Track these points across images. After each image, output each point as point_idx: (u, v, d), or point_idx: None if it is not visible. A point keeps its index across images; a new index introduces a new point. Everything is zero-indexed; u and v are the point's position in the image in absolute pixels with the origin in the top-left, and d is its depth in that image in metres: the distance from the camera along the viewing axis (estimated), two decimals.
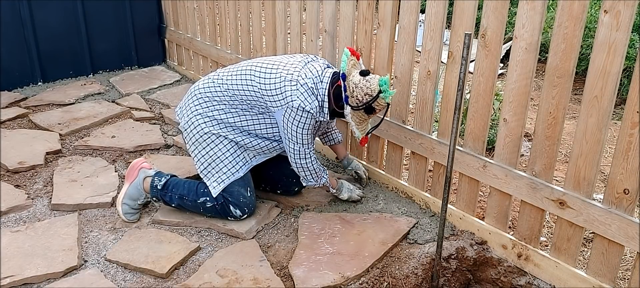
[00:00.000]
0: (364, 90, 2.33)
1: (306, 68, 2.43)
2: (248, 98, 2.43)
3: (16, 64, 3.99)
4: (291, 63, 2.45)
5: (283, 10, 3.28)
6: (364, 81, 2.34)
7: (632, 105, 1.86)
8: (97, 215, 2.61)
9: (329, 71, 2.46)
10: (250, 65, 2.50)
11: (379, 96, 2.33)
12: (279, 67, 2.43)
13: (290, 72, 2.39)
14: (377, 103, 2.35)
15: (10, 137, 3.27)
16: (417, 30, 2.53)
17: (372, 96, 2.33)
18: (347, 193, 2.71)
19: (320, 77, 2.41)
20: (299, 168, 2.50)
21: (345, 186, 2.72)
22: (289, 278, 2.22)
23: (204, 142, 2.49)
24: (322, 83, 2.40)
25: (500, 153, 2.31)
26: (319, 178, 2.56)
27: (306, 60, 2.50)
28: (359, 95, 2.34)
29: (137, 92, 4.10)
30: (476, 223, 2.49)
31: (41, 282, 2.17)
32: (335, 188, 2.69)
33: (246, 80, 2.44)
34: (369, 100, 2.33)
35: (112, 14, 4.37)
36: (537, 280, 2.29)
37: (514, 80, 2.17)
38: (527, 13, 2.05)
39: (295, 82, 2.36)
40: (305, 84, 2.36)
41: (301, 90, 2.35)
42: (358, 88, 2.34)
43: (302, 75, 2.38)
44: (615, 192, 1.99)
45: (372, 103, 2.34)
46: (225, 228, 2.50)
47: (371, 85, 2.33)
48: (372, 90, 2.33)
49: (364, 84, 2.34)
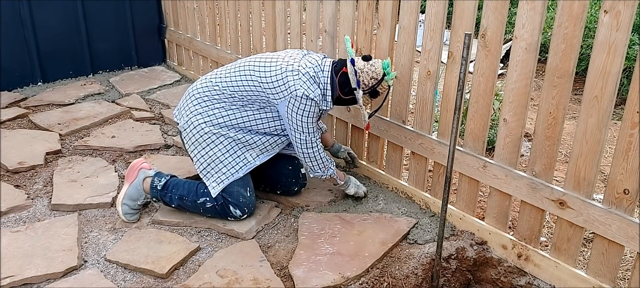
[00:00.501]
0: (370, 74, 2.42)
1: (305, 58, 2.48)
2: (248, 94, 2.44)
3: (16, 64, 3.99)
4: (290, 55, 2.50)
5: (283, 10, 3.28)
6: (369, 66, 2.43)
7: (632, 105, 1.86)
8: (97, 216, 2.61)
9: (328, 60, 2.52)
10: (248, 61, 2.52)
11: (384, 79, 2.43)
12: (278, 60, 2.46)
13: (290, 63, 2.43)
14: (381, 86, 2.45)
15: (10, 137, 3.27)
16: (417, 30, 2.53)
17: (377, 79, 2.42)
18: (354, 188, 2.72)
19: (320, 66, 2.46)
20: (305, 158, 2.52)
21: (353, 181, 2.74)
22: (289, 278, 2.22)
23: (204, 142, 2.49)
24: (323, 72, 2.46)
25: (500, 154, 2.31)
26: (326, 169, 2.57)
27: (303, 52, 2.55)
28: (365, 79, 2.42)
29: (137, 92, 4.10)
30: (476, 224, 2.49)
31: (41, 282, 2.16)
32: (343, 181, 2.70)
33: (245, 76, 2.45)
34: (374, 83, 2.43)
35: (112, 14, 4.37)
36: (537, 280, 2.29)
37: (514, 80, 2.17)
38: (527, 13, 2.05)
39: (297, 71, 2.40)
40: (307, 73, 2.40)
41: (303, 79, 2.38)
42: (364, 72, 2.42)
43: (302, 65, 2.42)
44: (615, 192, 1.99)
45: (377, 86, 2.43)
46: (225, 228, 2.50)
47: (376, 69, 2.42)
48: (378, 74, 2.42)
49: (368, 68, 2.42)
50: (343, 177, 2.70)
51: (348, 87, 2.45)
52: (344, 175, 2.72)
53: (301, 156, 2.53)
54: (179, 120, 2.57)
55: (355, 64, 2.42)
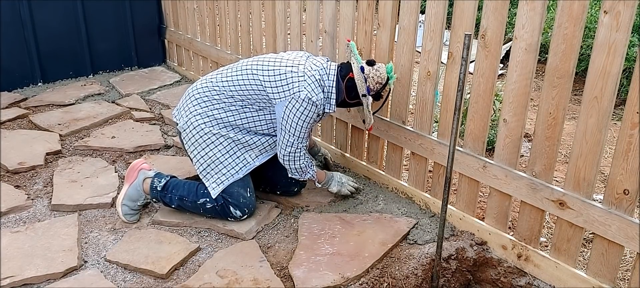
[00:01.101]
0: (376, 79, 2.45)
1: (310, 61, 2.49)
2: (250, 93, 2.44)
3: (16, 64, 3.99)
4: (294, 57, 2.51)
5: (283, 10, 3.28)
6: (374, 71, 2.46)
7: (632, 106, 1.86)
8: (97, 216, 2.61)
9: (333, 64, 2.53)
10: (250, 62, 2.52)
11: (388, 82, 2.48)
12: (282, 60, 2.47)
13: (295, 64, 2.44)
14: (384, 89, 2.50)
15: (10, 137, 3.27)
16: (417, 31, 2.53)
17: (382, 83, 2.47)
18: (337, 186, 2.70)
19: (326, 70, 2.48)
20: (286, 161, 2.50)
21: (335, 179, 2.71)
22: (289, 278, 2.22)
23: (204, 143, 2.49)
24: (329, 76, 2.47)
25: (500, 154, 2.31)
26: (304, 173, 2.57)
27: (306, 55, 2.56)
28: (371, 84, 2.46)
29: (137, 93, 4.10)
30: (476, 224, 2.49)
31: (41, 282, 2.16)
32: (324, 181, 2.68)
33: (247, 76, 2.45)
34: (379, 88, 2.47)
35: (112, 14, 4.37)
36: (537, 280, 2.29)
37: (513, 80, 2.17)
38: (527, 13, 2.05)
39: (302, 73, 2.40)
40: (312, 76, 2.41)
41: (309, 82, 2.39)
42: (370, 77, 2.45)
43: (308, 68, 2.43)
44: (615, 193, 1.99)
45: (381, 90, 2.48)
46: (225, 228, 2.50)
47: (381, 74, 2.47)
48: (383, 78, 2.47)
49: (374, 73, 2.45)
50: (323, 178, 2.68)
51: (354, 92, 2.46)
52: (325, 174, 2.69)
53: (282, 158, 2.51)
54: (179, 120, 2.57)
55: (364, 71, 2.44)
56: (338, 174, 2.74)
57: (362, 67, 2.45)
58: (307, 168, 2.56)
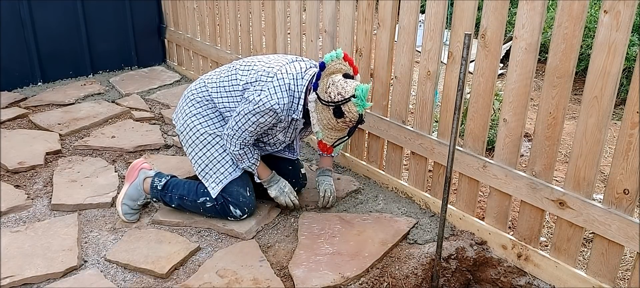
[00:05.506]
0: (338, 89, 2.23)
1: (289, 65, 2.41)
2: (236, 93, 2.45)
3: (16, 64, 3.99)
4: (276, 60, 2.46)
5: (283, 10, 3.28)
6: (343, 82, 2.25)
7: (632, 105, 1.86)
8: (97, 216, 2.61)
9: (312, 70, 2.41)
10: (240, 62, 2.53)
11: (350, 99, 2.20)
12: (261, 62, 2.45)
13: (272, 66, 2.40)
14: (348, 109, 2.22)
15: (10, 137, 3.27)
16: (417, 31, 2.53)
17: (344, 97, 2.21)
18: (276, 191, 2.57)
19: (301, 74, 2.37)
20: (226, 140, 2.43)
21: (279, 185, 2.58)
22: (288, 278, 2.22)
23: (201, 143, 2.49)
24: (302, 80, 2.36)
25: (500, 154, 2.31)
26: (240, 162, 2.47)
27: (293, 58, 2.49)
28: (333, 93, 2.23)
29: (137, 93, 4.10)
30: (476, 224, 2.49)
31: (41, 282, 2.16)
32: (265, 179, 2.56)
33: (235, 75, 2.47)
34: (339, 100, 2.22)
35: (112, 14, 4.37)
36: (537, 280, 2.29)
37: (513, 80, 2.17)
38: (527, 13, 2.05)
39: (272, 76, 2.35)
40: (281, 79, 2.33)
41: (274, 84, 2.31)
42: (334, 85, 2.25)
43: (282, 71, 2.36)
44: (615, 192, 1.99)
45: (342, 105, 2.22)
46: (225, 228, 2.50)
47: (347, 88, 2.23)
48: (346, 92, 2.21)
49: (341, 84, 2.24)
50: (265, 176, 2.56)
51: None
52: (269, 173, 2.57)
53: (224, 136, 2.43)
54: (176, 122, 2.58)
55: (324, 68, 2.25)
56: (284, 182, 2.60)
57: (322, 63, 2.25)
58: (244, 158, 2.45)
